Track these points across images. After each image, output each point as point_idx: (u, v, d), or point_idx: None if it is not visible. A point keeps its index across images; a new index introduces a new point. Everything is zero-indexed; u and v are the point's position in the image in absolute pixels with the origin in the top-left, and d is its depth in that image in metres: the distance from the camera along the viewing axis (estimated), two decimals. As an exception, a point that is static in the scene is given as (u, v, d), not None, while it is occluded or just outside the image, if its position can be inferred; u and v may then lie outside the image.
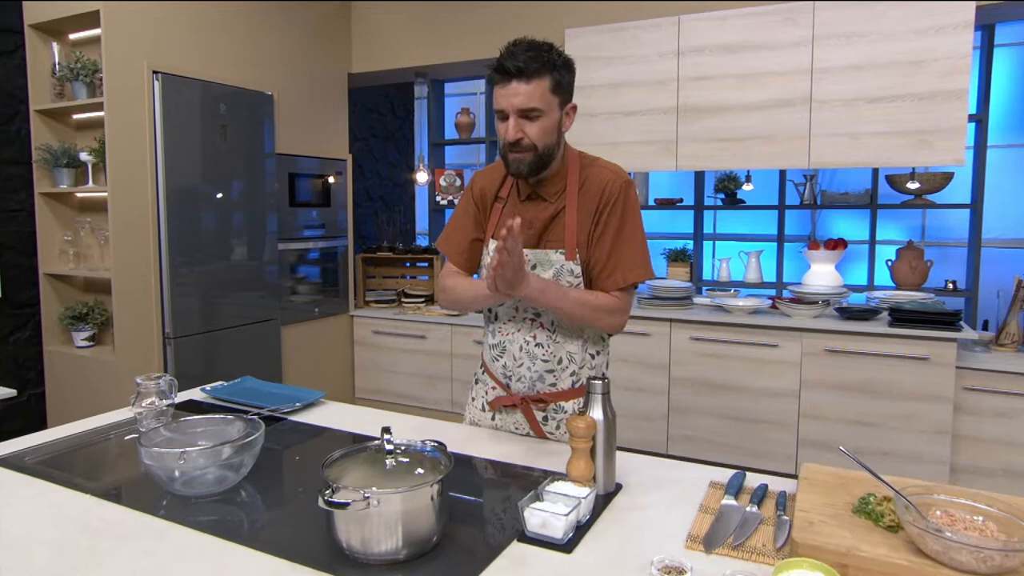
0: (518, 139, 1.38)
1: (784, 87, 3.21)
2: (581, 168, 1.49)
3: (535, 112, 1.36)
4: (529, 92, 1.35)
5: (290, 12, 3.82)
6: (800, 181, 4.01)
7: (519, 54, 1.34)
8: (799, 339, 3.10)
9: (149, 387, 1.63)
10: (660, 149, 3.50)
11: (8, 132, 3.07)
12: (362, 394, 4.37)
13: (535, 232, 1.49)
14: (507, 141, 1.39)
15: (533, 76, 1.34)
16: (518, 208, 1.51)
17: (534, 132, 1.38)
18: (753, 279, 4.07)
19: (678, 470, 1.40)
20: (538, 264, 1.47)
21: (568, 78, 1.42)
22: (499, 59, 1.37)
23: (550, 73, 1.36)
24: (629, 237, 1.46)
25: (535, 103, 1.36)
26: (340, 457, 1.12)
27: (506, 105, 1.37)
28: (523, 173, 1.43)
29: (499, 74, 1.36)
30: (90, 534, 1.11)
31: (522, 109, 1.36)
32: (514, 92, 1.35)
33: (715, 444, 3.30)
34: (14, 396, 2.14)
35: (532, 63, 1.34)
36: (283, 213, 3.80)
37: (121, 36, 2.91)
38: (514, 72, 1.34)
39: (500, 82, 1.37)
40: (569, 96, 1.44)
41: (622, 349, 3.46)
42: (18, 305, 3.16)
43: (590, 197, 1.46)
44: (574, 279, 1.47)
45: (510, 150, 1.41)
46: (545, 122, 1.38)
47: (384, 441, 1.09)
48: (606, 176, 1.47)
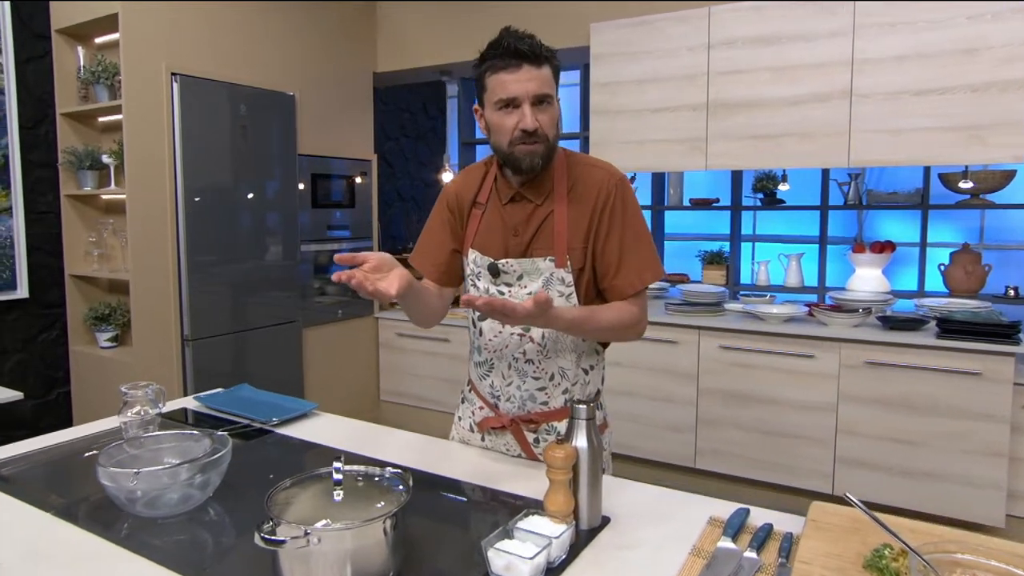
0: (536, 128, 1.26)
1: (821, 80, 3.00)
2: (569, 167, 1.37)
3: (548, 99, 1.28)
4: (543, 77, 1.26)
5: (312, 12, 3.79)
6: (844, 180, 3.78)
7: (526, 38, 1.25)
8: (837, 349, 2.90)
9: (136, 396, 1.59)
10: (689, 148, 3.33)
11: (37, 135, 3.12)
12: (386, 396, 4.33)
13: (521, 240, 1.37)
14: (523, 130, 1.27)
15: (543, 61, 1.26)
16: (499, 213, 1.39)
17: (546, 121, 1.29)
18: (793, 283, 3.86)
19: (675, 502, 1.27)
20: (525, 274, 1.36)
21: (558, 71, 1.34)
22: (502, 43, 1.26)
23: (550, 61, 1.29)
24: (636, 238, 1.35)
25: (548, 89, 1.27)
26: (290, 486, 1.04)
27: (519, 91, 1.25)
28: (537, 166, 1.31)
29: (506, 58, 1.25)
30: (33, 560, 1.06)
31: (538, 95, 1.26)
32: (528, 77, 1.25)
33: (746, 459, 3.13)
34: (20, 399, 2.14)
35: (542, 48, 1.26)
36: (305, 214, 3.78)
37: (139, 38, 2.91)
38: (528, 55, 1.24)
39: (507, 68, 1.25)
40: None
41: (648, 357, 3.31)
42: (46, 305, 3.21)
43: (583, 199, 1.34)
44: (565, 288, 1.35)
45: (523, 141, 1.28)
46: (553, 111, 1.30)
47: (333, 470, 1.00)
48: (599, 176, 1.36)
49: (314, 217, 3.86)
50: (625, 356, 3.36)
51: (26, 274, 3.08)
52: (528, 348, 1.39)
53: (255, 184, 3.44)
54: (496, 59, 1.26)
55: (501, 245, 1.37)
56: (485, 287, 1.40)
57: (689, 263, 4.31)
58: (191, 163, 3.09)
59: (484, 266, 1.39)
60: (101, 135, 3.25)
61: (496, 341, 1.42)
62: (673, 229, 4.52)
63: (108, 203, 3.28)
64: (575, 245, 1.34)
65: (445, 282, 1.48)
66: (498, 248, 1.38)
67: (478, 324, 1.45)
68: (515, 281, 1.36)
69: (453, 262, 1.48)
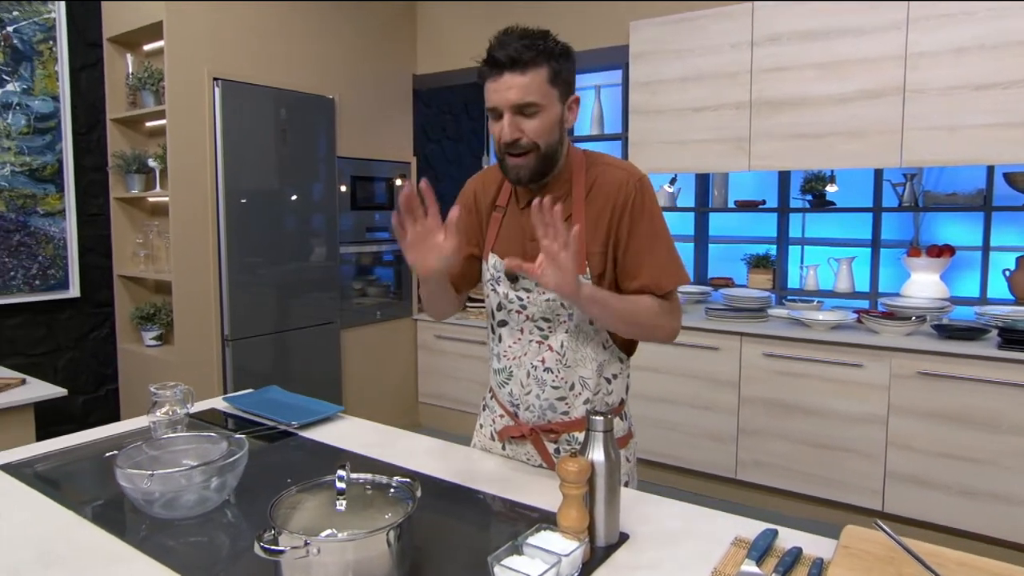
0: (515, 139, 1.22)
1: (872, 76, 2.86)
2: (587, 168, 1.32)
3: (532, 107, 1.21)
4: (525, 84, 1.19)
5: (352, 15, 3.83)
6: (899, 181, 3.60)
7: (511, 43, 1.19)
8: (887, 359, 2.76)
9: (165, 396, 1.62)
10: (732, 147, 3.22)
11: (90, 141, 3.23)
12: (425, 399, 4.33)
13: (538, 244, 1.32)
14: (502, 142, 1.23)
15: (528, 66, 1.19)
16: (518, 217, 1.35)
17: (533, 129, 1.22)
18: (844, 288, 3.70)
19: (699, 520, 1.21)
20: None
21: (568, 67, 1.26)
22: (488, 50, 1.22)
23: (547, 62, 1.21)
24: (660, 240, 1.30)
25: (532, 96, 1.20)
26: (297, 493, 1.02)
27: (499, 101, 1.21)
28: (524, 180, 1.27)
29: (489, 67, 1.21)
30: (46, 561, 1.07)
31: (517, 104, 1.20)
32: (507, 85, 1.19)
33: (790, 471, 3.00)
34: (65, 395, 2.21)
35: (526, 52, 1.19)
36: (345, 216, 3.82)
37: (182, 45, 2.98)
38: (506, 63, 1.19)
39: (491, 76, 1.21)
40: (570, 88, 1.28)
41: (688, 364, 3.22)
42: (96, 304, 3.32)
43: (602, 201, 1.29)
44: None
45: (507, 153, 1.25)
46: (545, 118, 1.22)
47: (336, 479, 0.98)
48: (619, 177, 1.30)
49: (354, 219, 3.89)
50: (663, 362, 3.28)
51: (78, 274, 3.19)
52: (547, 356, 1.35)
53: (295, 187, 3.48)
54: (484, 65, 1.23)
55: (520, 251, 1.33)
56: (504, 292, 1.37)
57: (734, 266, 4.18)
58: (232, 166, 3.15)
59: (503, 271, 1.35)
60: (148, 139, 3.35)
61: (515, 348, 1.38)
62: (717, 232, 4.39)
63: (154, 205, 3.37)
64: (594, 250, 1.29)
65: (459, 287, 1.46)
66: (517, 253, 1.33)
67: (497, 330, 1.41)
68: (534, 287, 1.32)
69: (469, 267, 1.45)
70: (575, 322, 1.32)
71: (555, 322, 1.33)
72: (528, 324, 1.35)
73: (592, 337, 1.35)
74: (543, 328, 1.35)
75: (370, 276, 4.12)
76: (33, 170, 3.02)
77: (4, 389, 2.17)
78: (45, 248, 3.08)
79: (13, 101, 2.95)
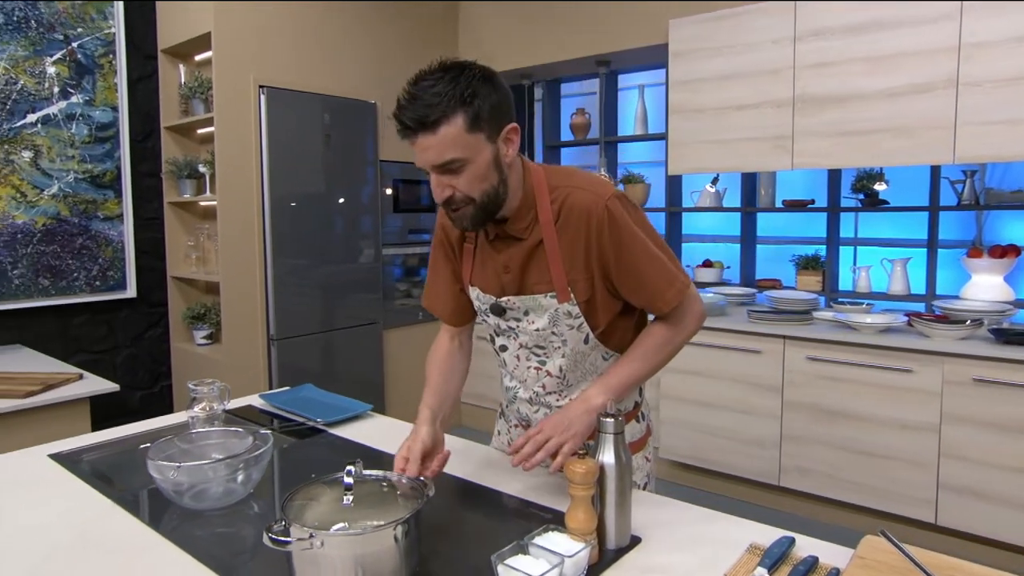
0: (446, 197, 1.15)
1: (922, 69, 2.74)
2: (552, 190, 1.23)
3: (455, 163, 1.11)
4: (439, 143, 1.09)
5: (393, 20, 3.90)
6: (957, 178, 3.44)
7: (417, 99, 1.09)
8: (940, 364, 2.64)
9: (202, 392, 1.68)
10: (773, 146, 3.14)
11: (145, 148, 3.39)
12: (467, 399, 4.37)
13: (513, 276, 1.27)
14: (437, 201, 1.18)
15: (439, 123, 1.08)
16: (488, 250, 1.30)
17: (462, 184, 1.13)
18: (898, 290, 3.55)
19: (715, 525, 1.19)
20: (530, 310, 1.27)
21: (491, 102, 1.11)
22: (396, 111, 1.12)
23: (462, 110, 1.08)
24: (648, 259, 1.22)
25: (449, 153, 1.10)
26: (311, 487, 1.05)
27: (421, 163, 1.14)
28: (469, 228, 1.21)
29: (402, 129, 1.12)
30: (83, 544, 1.13)
31: (437, 164, 1.12)
32: (422, 148, 1.11)
33: (835, 479, 2.90)
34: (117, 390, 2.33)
35: (433, 109, 1.07)
36: (387, 219, 3.89)
37: (230, 54, 3.10)
38: (414, 126, 1.09)
39: (407, 138, 1.13)
40: (501, 121, 1.14)
41: (729, 367, 3.15)
42: (152, 304, 3.48)
43: (573, 228, 1.21)
44: (574, 320, 1.26)
45: (445, 209, 1.19)
46: (473, 168, 1.12)
47: (345, 475, 1.00)
48: (586, 200, 1.20)
49: (396, 221, 3.96)
50: (704, 366, 3.22)
51: (134, 275, 3.35)
52: (547, 382, 1.33)
53: (339, 190, 3.57)
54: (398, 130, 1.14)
55: (496, 282, 1.30)
56: (495, 322, 1.34)
57: (782, 268, 4.07)
58: (277, 171, 3.25)
59: (488, 305, 1.33)
60: (199, 146, 3.50)
61: (517, 372, 1.37)
62: (765, 232, 4.28)
63: (205, 209, 3.51)
64: (576, 277, 1.23)
65: (459, 322, 1.44)
66: (494, 285, 1.31)
67: (500, 354, 1.39)
68: (522, 316, 1.29)
69: (462, 300, 1.41)
70: (570, 347, 1.29)
71: (549, 348, 1.30)
72: (524, 351, 1.33)
73: (589, 354, 1.31)
74: (539, 354, 1.32)
75: (414, 277, 4.19)
76: (94, 177, 3.19)
77: (62, 384, 2.29)
78: (105, 251, 3.25)
79: (77, 112, 3.13)
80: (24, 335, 3.04)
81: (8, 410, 2.07)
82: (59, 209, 3.10)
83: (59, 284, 3.11)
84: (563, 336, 1.28)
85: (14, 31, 2.93)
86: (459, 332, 1.46)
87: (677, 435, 3.34)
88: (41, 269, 3.06)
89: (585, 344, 1.29)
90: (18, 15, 2.94)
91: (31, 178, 3.02)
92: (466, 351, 1.47)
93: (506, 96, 1.16)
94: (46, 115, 3.04)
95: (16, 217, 2.98)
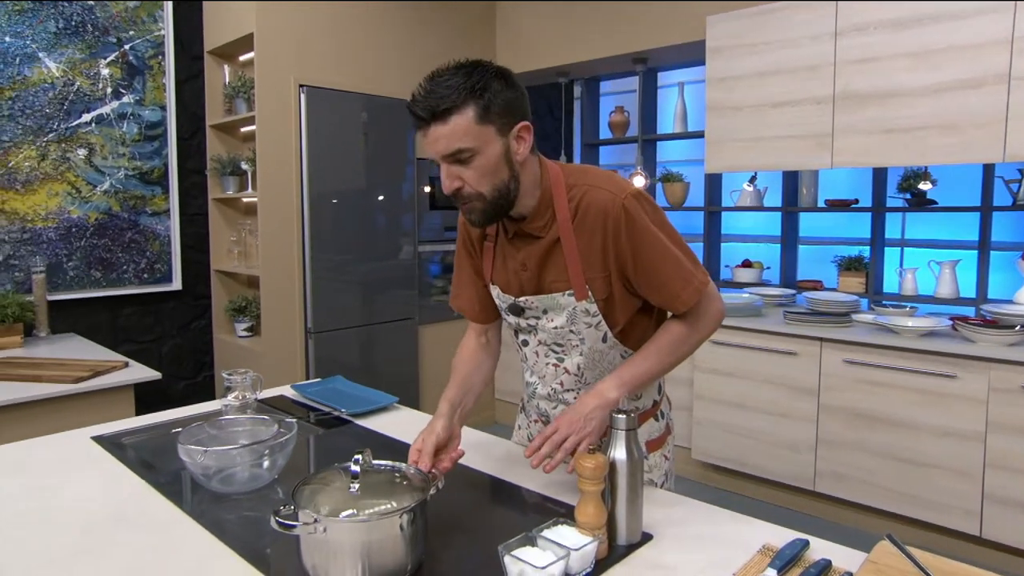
0: (455, 189, 1.16)
1: (971, 64, 2.64)
2: (569, 189, 1.23)
3: (464, 153, 1.12)
4: (449, 133, 1.11)
5: (431, 20, 3.94)
6: (1012, 177, 3.29)
7: (431, 91, 1.11)
8: (986, 371, 2.54)
9: (236, 382, 1.74)
10: (812, 144, 3.07)
11: (191, 146, 3.51)
12: (500, 395, 4.40)
13: (531, 274, 1.28)
14: (447, 193, 1.19)
15: (450, 112, 1.10)
16: (507, 247, 1.31)
17: (472, 176, 1.15)
18: (946, 293, 3.42)
19: (729, 524, 1.17)
20: (548, 309, 1.28)
21: (502, 97, 1.13)
22: (408, 104, 1.15)
23: (472, 101, 1.10)
24: (666, 258, 1.21)
25: (459, 143, 1.11)
26: (324, 474, 1.08)
27: (432, 153, 1.15)
28: (480, 224, 1.21)
29: (416, 120, 1.14)
30: (115, 520, 1.18)
31: (446, 155, 1.13)
32: (434, 138, 1.13)
33: (873, 486, 2.82)
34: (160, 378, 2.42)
35: (444, 99, 1.09)
36: (424, 216, 3.94)
37: (271, 55, 3.19)
38: (426, 115, 1.11)
39: (420, 129, 1.15)
40: (513, 117, 1.15)
41: (764, 369, 3.10)
42: (196, 297, 3.60)
43: (590, 227, 1.22)
44: (591, 318, 1.26)
45: (456, 202, 1.20)
46: (482, 161, 1.13)
47: (352, 463, 1.03)
48: (603, 199, 1.20)
49: (432, 219, 4.01)
50: (737, 366, 3.17)
51: (180, 269, 3.48)
52: (565, 379, 1.34)
53: (376, 187, 3.64)
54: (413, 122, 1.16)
55: (515, 281, 1.31)
56: (515, 320, 1.36)
57: (824, 268, 3.97)
58: (317, 168, 3.33)
59: (506, 304, 1.34)
60: (242, 144, 3.60)
61: (537, 368, 1.38)
62: (806, 232, 4.18)
63: (247, 205, 3.62)
64: (593, 275, 1.23)
65: (485, 319, 1.45)
66: (513, 284, 1.31)
67: (522, 349, 1.40)
68: (541, 315, 1.30)
69: (487, 297, 1.42)
70: (588, 345, 1.30)
71: (567, 346, 1.31)
72: (543, 348, 1.34)
73: (608, 353, 1.31)
74: (557, 351, 1.33)
75: (449, 275, 4.23)
76: (143, 173, 3.32)
77: (109, 371, 2.40)
78: (152, 245, 3.38)
79: (128, 111, 3.26)
80: (77, 324, 3.19)
81: (59, 394, 2.18)
82: (110, 204, 3.23)
83: (110, 276, 3.25)
84: (581, 334, 1.28)
85: (72, 35, 3.08)
86: (486, 329, 1.48)
87: (710, 436, 3.29)
88: (93, 262, 3.20)
89: (603, 343, 1.30)
90: (76, 20, 3.08)
91: (85, 175, 3.16)
92: (493, 348, 1.48)
93: (520, 95, 1.17)
94: (99, 114, 3.17)
95: (71, 212, 3.13)
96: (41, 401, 2.15)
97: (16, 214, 2.98)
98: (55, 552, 1.08)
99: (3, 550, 1.08)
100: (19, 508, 1.23)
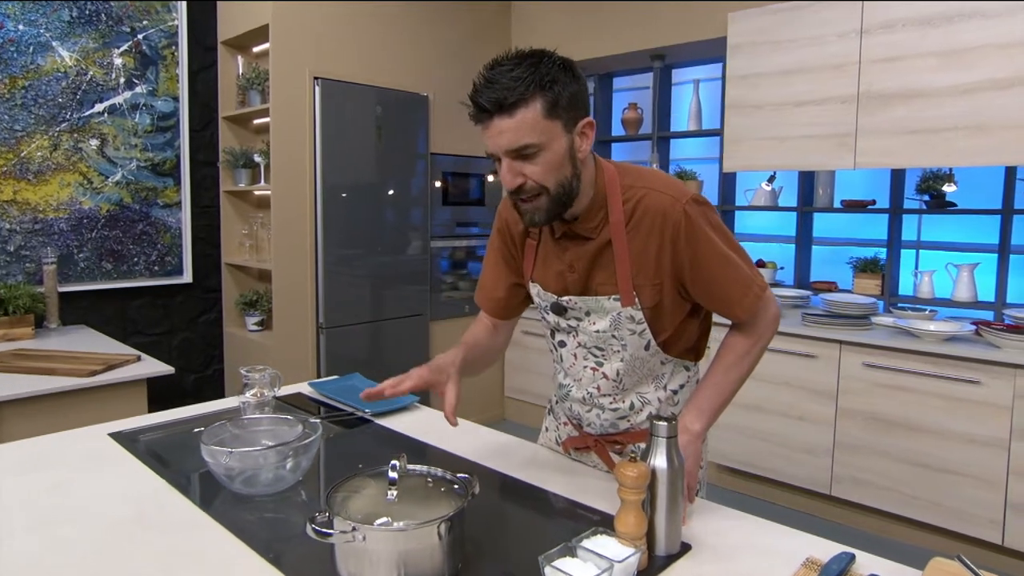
0: (518, 185, 1.11)
1: (1003, 63, 2.59)
2: (625, 190, 1.19)
3: (530, 148, 1.07)
4: (515, 127, 1.06)
5: (447, 15, 3.90)
6: (1034, 180, 3.25)
7: (495, 82, 1.05)
8: (1011, 376, 2.50)
9: (254, 379, 1.70)
10: (835, 144, 3.02)
11: (203, 137, 3.48)
12: (511, 393, 4.37)
13: (578, 276, 1.24)
14: (507, 189, 1.14)
15: (517, 106, 1.05)
16: (553, 247, 1.27)
17: (536, 172, 1.10)
18: (964, 297, 3.37)
19: (771, 536, 1.14)
20: (592, 311, 1.25)
21: (570, 91, 1.08)
22: (471, 94, 1.09)
23: (540, 94, 1.05)
24: (727, 265, 1.18)
25: (526, 138, 1.06)
26: (359, 479, 1.05)
27: (493, 148, 1.10)
28: (540, 222, 1.16)
29: (476, 113, 1.09)
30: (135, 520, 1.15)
31: (511, 149, 1.08)
32: (497, 131, 1.07)
33: (891, 492, 2.79)
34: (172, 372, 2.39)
35: (511, 92, 1.04)
36: (436, 211, 3.90)
37: (287, 47, 3.15)
38: (491, 108, 1.06)
39: (481, 122, 1.09)
40: (579, 112, 1.11)
41: (782, 371, 3.06)
42: (206, 290, 3.57)
43: (646, 230, 1.17)
44: (636, 325, 1.23)
45: (516, 199, 1.15)
46: (548, 156, 1.09)
47: (390, 469, 0.99)
48: (663, 203, 1.16)
49: (445, 214, 3.98)
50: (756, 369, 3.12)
51: (191, 261, 3.45)
52: (602, 384, 1.30)
53: (389, 182, 3.60)
54: (471, 112, 1.11)
55: (560, 281, 1.27)
56: (555, 320, 1.32)
57: (839, 270, 3.93)
58: (330, 161, 3.30)
59: (548, 303, 1.30)
60: (255, 136, 3.57)
61: (573, 371, 1.34)
62: (821, 233, 4.14)
63: (259, 198, 3.59)
64: (642, 282, 1.19)
65: (503, 316, 1.43)
66: (558, 284, 1.28)
67: (558, 350, 1.36)
68: (583, 316, 1.27)
69: (512, 297, 1.40)
70: (629, 351, 1.26)
71: (608, 351, 1.27)
72: (582, 351, 1.30)
73: (648, 360, 1.28)
74: (597, 355, 1.29)
75: (460, 270, 4.20)
76: (155, 165, 3.29)
77: (122, 365, 2.37)
78: (163, 237, 3.35)
79: (140, 102, 3.22)
80: (88, 316, 3.16)
81: (73, 388, 2.15)
82: (122, 196, 3.20)
83: (120, 268, 3.22)
84: (623, 340, 1.25)
85: (86, 24, 3.04)
86: (499, 324, 1.46)
87: (726, 439, 3.26)
88: (104, 253, 3.17)
89: (645, 351, 1.26)
90: (90, 9, 3.05)
91: (97, 165, 3.13)
92: (504, 337, 1.48)
93: (584, 88, 1.13)
94: (112, 105, 3.14)
95: (83, 203, 3.09)
96: (55, 395, 2.13)
97: (28, 204, 2.95)
98: (80, 551, 1.05)
99: (29, 547, 1.06)
100: (41, 504, 1.21)
